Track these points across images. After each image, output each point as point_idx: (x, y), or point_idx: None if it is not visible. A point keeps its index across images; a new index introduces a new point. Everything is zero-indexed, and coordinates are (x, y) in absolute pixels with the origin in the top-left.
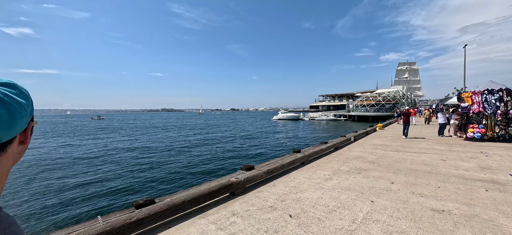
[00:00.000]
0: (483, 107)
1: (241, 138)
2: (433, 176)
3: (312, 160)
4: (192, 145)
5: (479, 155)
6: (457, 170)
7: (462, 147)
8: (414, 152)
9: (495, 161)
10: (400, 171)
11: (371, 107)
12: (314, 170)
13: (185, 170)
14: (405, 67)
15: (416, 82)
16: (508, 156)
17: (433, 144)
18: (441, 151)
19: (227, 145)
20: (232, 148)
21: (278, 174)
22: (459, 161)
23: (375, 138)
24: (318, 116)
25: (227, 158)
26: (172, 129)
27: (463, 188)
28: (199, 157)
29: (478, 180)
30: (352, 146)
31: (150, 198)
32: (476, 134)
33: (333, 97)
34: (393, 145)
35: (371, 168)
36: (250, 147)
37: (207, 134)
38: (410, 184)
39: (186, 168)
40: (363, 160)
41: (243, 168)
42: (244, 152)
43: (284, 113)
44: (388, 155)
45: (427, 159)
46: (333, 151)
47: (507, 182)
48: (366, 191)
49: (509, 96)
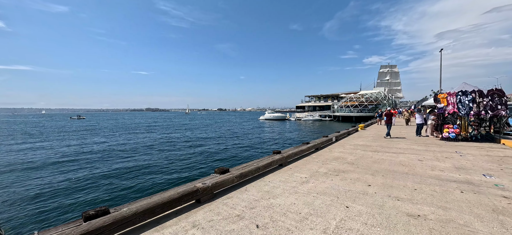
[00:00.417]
0: (458, 108)
1: (225, 139)
2: (410, 178)
3: (291, 162)
4: (172, 146)
5: (454, 154)
6: (433, 171)
7: (438, 147)
8: (393, 152)
9: (469, 160)
10: (378, 172)
11: (354, 108)
12: (292, 172)
13: (158, 175)
14: (386, 70)
15: (396, 84)
16: (481, 156)
17: (411, 144)
18: (418, 151)
19: (209, 146)
20: (214, 149)
21: (252, 177)
22: (435, 161)
23: (356, 138)
24: (304, 117)
25: (207, 160)
26: (155, 129)
27: (439, 190)
28: (177, 160)
29: (453, 181)
30: (333, 146)
31: (104, 208)
32: (451, 134)
33: (318, 98)
34: (373, 145)
35: (349, 169)
36: (233, 148)
37: (191, 134)
38: (387, 186)
39: (160, 173)
40: (342, 161)
41: (217, 171)
42: (226, 153)
43: (270, 113)
44: (367, 155)
45: (405, 159)
46: (314, 151)
47: (481, 182)
48: (342, 195)
49: (481, 98)
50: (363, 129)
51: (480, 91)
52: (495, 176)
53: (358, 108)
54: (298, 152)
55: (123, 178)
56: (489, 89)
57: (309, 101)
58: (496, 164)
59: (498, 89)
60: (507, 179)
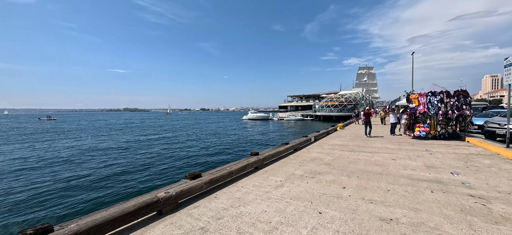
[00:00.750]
0: (428, 108)
1: (206, 140)
2: (384, 178)
3: (268, 164)
4: (148, 149)
5: (424, 153)
6: (406, 170)
7: (410, 145)
8: (368, 152)
9: (438, 159)
10: (354, 173)
11: (334, 107)
12: (267, 175)
13: (124, 183)
14: (364, 71)
15: (373, 85)
16: (448, 153)
17: (386, 142)
18: (392, 150)
19: (187, 149)
20: (192, 152)
21: (225, 182)
22: (407, 160)
23: (334, 138)
24: (286, 117)
25: (182, 164)
26: (131, 130)
27: (410, 190)
28: (150, 165)
29: (424, 180)
30: (311, 147)
31: (48, 225)
32: (421, 133)
33: (300, 98)
34: (350, 145)
35: (325, 171)
36: (213, 150)
37: (171, 135)
38: (361, 188)
39: (127, 181)
40: (319, 162)
41: (188, 176)
42: (204, 156)
43: (253, 113)
44: (344, 155)
45: (380, 159)
46: (292, 152)
47: (449, 181)
48: (316, 200)
49: (448, 98)
50: (342, 128)
51: (447, 92)
52: (462, 173)
53: (338, 108)
54: (275, 154)
55: (83, 188)
56: (455, 90)
57: (292, 101)
58: (462, 162)
59: (463, 90)
60: (472, 177)
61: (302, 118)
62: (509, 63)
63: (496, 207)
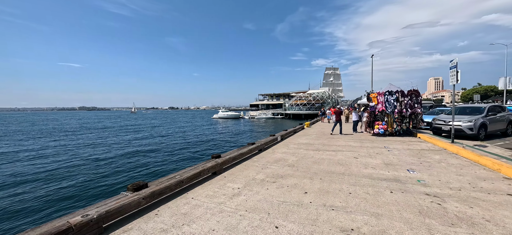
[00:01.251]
0: (385, 106)
1: (169, 142)
2: (346, 179)
3: (228, 168)
4: (98, 154)
5: (383, 150)
6: (367, 169)
7: (371, 142)
8: (332, 150)
9: (395, 156)
10: (317, 174)
11: (303, 106)
12: (225, 182)
13: (53, 199)
14: (330, 72)
15: (338, 85)
16: (404, 150)
17: (349, 140)
18: (354, 147)
19: (146, 153)
20: (151, 157)
21: (172, 194)
22: (368, 158)
23: (301, 136)
24: (257, 115)
25: (135, 171)
26: (84, 132)
27: (371, 192)
28: (96, 173)
29: (383, 179)
30: (277, 146)
31: None
32: (380, 130)
33: (271, 96)
34: (315, 144)
35: (288, 173)
36: (175, 153)
37: (131, 138)
38: (323, 192)
39: (58, 196)
40: (283, 164)
41: (130, 187)
42: (163, 162)
43: (224, 112)
44: (309, 155)
45: (343, 157)
46: (257, 153)
47: (406, 179)
48: (274, 210)
49: (403, 97)
50: (309, 127)
51: (402, 91)
52: (417, 170)
53: (306, 106)
54: (238, 156)
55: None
56: (409, 90)
57: (263, 100)
58: (416, 158)
59: (415, 90)
60: (426, 173)
61: (273, 116)
62: (454, 66)
63: (450, 205)
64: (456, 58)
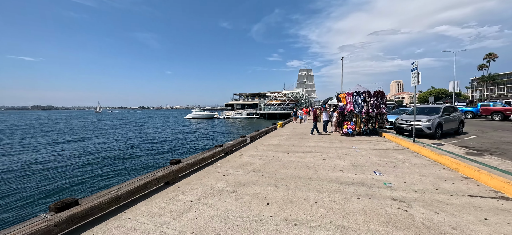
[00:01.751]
0: (353, 106)
1: (132, 146)
2: (313, 184)
3: (186, 176)
4: (38, 162)
5: (351, 150)
6: (334, 172)
7: (340, 143)
8: (302, 152)
9: (362, 156)
10: (283, 180)
11: (278, 106)
12: (177, 194)
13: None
14: (304, 73)
15: (312, 86)
16: (370, 150)
17: (319, 141)
18: (324, 148)
19: (101, 160)
20: (104, 165)
21: (103, 215)
22: (336, 159)
23: (272, 137)
24: (232, 115)
25: (77, 184)
26: (26, 135)
27: (338, 199)
28: (11, 188)
29: (351, 183)
30: (246, 149)
31: None
32: (349, 130)
33: (247, 96)
34: (285, 145)
35: (252, 180)
36: (134, 160)
37: (82, 145)
38: (287, 202)
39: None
40: (248, 168)
41: (53, 207)
42: (110, 172)
43: (198, 111)
44: (277, 158)
45: (312, 160)
46: (222, 156)
47: (373, 182)
48: (227, 230)
49: (370, 98)
50: (282, 127)
51: (368, 92)
52: (383, 172)
53: (281, 106)
54: (198, 161)
55: None
56: (375, 90)
57: (238, 100)
58: (382, 158)
59: (380, 90)
60: (392, 175)
61: (248, 116)
62: (415, 68)
63: (417, 212)
64: (417, 61)
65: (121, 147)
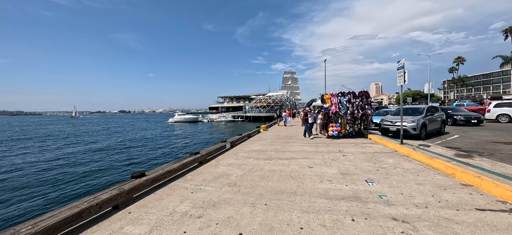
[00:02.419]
0: (338, 108)
1: (98, 154)
2: (298, 201)
3: (144, 194)
4: None
5: (338, 155)
6: (322, 182)
7: (326, 146)
8: (286, 158)
9: (351, 161)
10: (263, 197)
11: (263, 108)
12: (123, 224)
13: None
14: (288, 76)
15: (296, 88)
16: (358, 153)
17: (304, 144)
18: (309, 153)
19: (64, 173)
20: (67, 179)
21: None
22: (324, 166)
23: (255, 142)
24: (217, 118)
25: (21, 206)
26: None
27: (329, 222)
28: None
29: (342, 198)
30: (224, 156)
31: None
32: (334, 132)
33: (231, 99)
34: (268, 150)
35: (225, 198)
36: (91, 173)
37: (44, 156)
38: (266, 230)
39: None
40: (223, 182)
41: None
42: (54, 195)
43: (181, 115)
44: (258, 166)
45: (296, 168)
46: (196, 166)
47: (367, 195)
48: None
49: (355, 98)
50: (265, 130)
51: (353, 92)
52: (375, 180)
53: (266, 109)
54: (164, 174)
55: None
56: (360, 91)
57: (223, 102)
58: (371, 163)
59: (365, 91)
60: (386, 185)
61: (233, 119)
62: (401, 66)
63: None
64: (403, 59)
65: (76, 161)
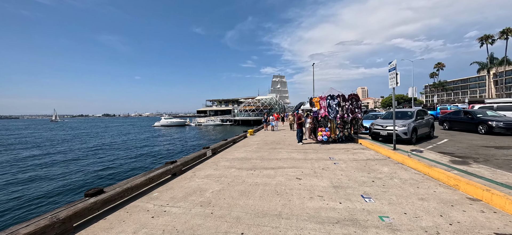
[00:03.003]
0: (328, 111)
1: (65, 165)
2: (283, 227)
3: (91, 221)
4: None
5: (328, 163)
6: (312, 200)
7: (315, 153)
8: (272, 168)
9: (343, 171)
10: (240, 222)
11: (252, 112)
12: None
13: None
14: (277, 80)
15: (285, 92)
16: (350, 161)
17: (292, 151)
18: (298, 161)
19: (31, 185)
20: (29, 195)
21: None
22: (313, 177)
23: (240, 148)
24: (205, 122)
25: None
26: None
27: None
28: None
29: (336, 223)
30: (203, 166)
31: None
32: (324, 137)
33: (220, 102)
34: (253, 158)
35: (193, 225)
36: (45, 190)
37: (11, 167)
38: None
39: None
40: (195, 200)
41: None
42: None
43: (167, 119)
44: (240, 178)
45: (283, 180)
46: (167, 180)
47: (365, 216)
48: None
49: (344, 102)
50: (253, 134)
51: (343, 95)
52: (373, 195)
53: (255, 112)
54: (122, 193)
55: None
56: (350, 94)
57: (211, 106)
58: (365, 173)
59: (355, 94)
60: (386, 202)
61: (221, 123)
62: (393, 68)
63: None
64: (395, 60)
65: (49, 168)
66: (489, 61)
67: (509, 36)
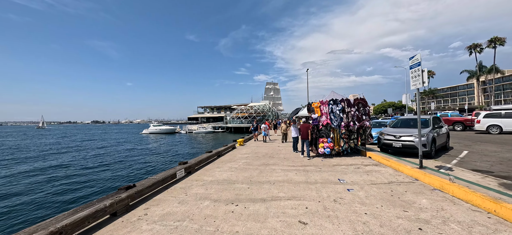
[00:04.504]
0: (330, 119)
1: (49, 176)
2: None
3: None
4: None
5: (339, 188)
6: None
7: (318, 172)
8: (262, 199)
9: (365, 205)
10: None
11: (245, 119)
12: None
13: None
14: (271, 87)
15: (278, 99)
16: (367, 185)
17: (289, 169)
18: (297, 185)
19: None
20: None
21: None
22: (324, 220)
23: (224, 164)
24: (196, 129)
25: None
26: None
27: None
28: None
29: None
30: (166, 195)
31: None
32: (326, 149)
33: (212, 109)
34: (238, 180)
35: None
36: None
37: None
38: None
39: None
40: None
41: None
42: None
43: (157, 126)
44: (211, 222)
45: (278, 226)
46: (98, 226)
47: None
48: None
49: (349, 107)
50: (242, 145)
51: (347, 100)
52: None
53: (248, 119)
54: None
55: None
56: (355, 98)
57: (203, 113)
58: (400, 209)
59: (362, 98)
60: None
61: (213, 130)
62: (417, 63)
63: None
64: (419, 53)
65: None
66: (478, 69)
67: (497, 45)
